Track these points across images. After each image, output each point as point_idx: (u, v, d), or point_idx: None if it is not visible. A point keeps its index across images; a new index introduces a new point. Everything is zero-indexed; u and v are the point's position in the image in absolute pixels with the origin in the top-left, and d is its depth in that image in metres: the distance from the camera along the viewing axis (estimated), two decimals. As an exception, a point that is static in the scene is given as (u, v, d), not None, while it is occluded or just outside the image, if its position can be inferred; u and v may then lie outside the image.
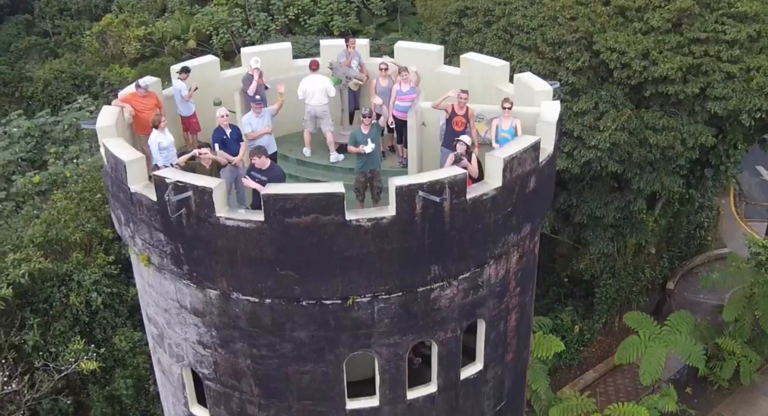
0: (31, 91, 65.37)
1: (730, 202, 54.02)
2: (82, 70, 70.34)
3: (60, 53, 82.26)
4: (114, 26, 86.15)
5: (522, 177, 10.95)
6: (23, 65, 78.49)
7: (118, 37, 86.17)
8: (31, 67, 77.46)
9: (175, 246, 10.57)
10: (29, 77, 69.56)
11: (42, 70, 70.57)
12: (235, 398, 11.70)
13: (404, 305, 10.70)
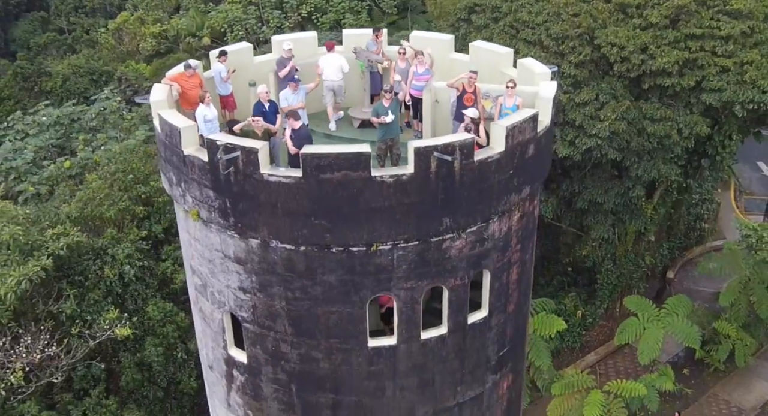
0: (50, 86, 67.02)
1: (731, 196, 55.52)
2: (99, 65, 71.90)
3: (78, 49, 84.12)
4: (130, 23, 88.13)
5: (522, 144, 12.63)
6: (42, 60, 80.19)
7: (133, 34, 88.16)
8: (49, 63, 79.09)
9: (222, 201, 12.29)
10: (48, 72, 71.18)
11: (61, 66, 72.27)
12: (270, 338, 13.40)
13: (420, 253, 12.40)
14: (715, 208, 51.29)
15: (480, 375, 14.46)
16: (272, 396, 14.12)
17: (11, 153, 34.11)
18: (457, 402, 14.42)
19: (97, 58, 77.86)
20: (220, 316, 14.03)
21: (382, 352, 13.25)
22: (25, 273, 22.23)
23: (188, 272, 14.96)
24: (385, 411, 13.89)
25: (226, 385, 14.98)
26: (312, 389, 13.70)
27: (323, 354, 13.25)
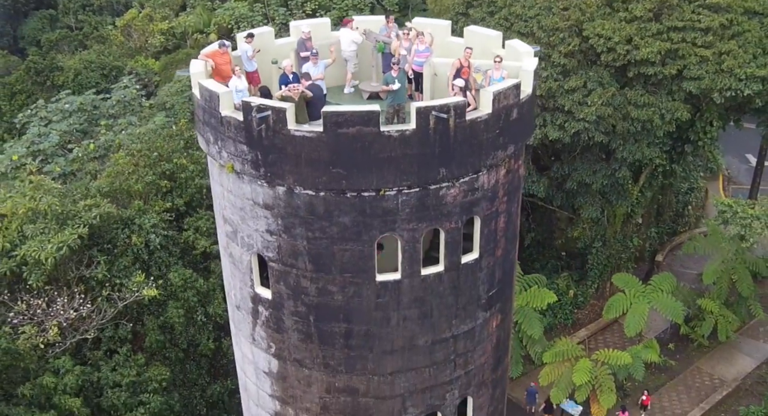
0: (62, 80, 69.25)
1: (719, 185, 57.88)
2: (110, 60, 73.98)
3: (88, 45, 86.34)
4: (138, 20, 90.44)
5: (507, 108, 14.95)
6: (54, 56, 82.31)
7: (142, 30, 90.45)
8: (61, 58, 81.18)
9: (254, 154, 14.61)
10: (60, 67, 73.32)
11: (72, 61, 74.50)
12: (293, 274, 15.72)
13: (420, 199, 14.72)
14: (703, 196, 53.63)
15: (472, 311, 16.77)
16: (293, 327, 16.44)
17: (37, 137, 36.42)
18: (452, 334, 16.74)
19: (107, 53, 79.94)
20: (249, 258, 16.35)
21: (388, 286, 15.56)
22: (64, 239, 24.56)
23: (219, 222, 17.27)
24: (390, 340, 16.21)
25: (251, 321, 17.30)
26: (327, 319, 16.02)
27: (338, 287, 15.57)
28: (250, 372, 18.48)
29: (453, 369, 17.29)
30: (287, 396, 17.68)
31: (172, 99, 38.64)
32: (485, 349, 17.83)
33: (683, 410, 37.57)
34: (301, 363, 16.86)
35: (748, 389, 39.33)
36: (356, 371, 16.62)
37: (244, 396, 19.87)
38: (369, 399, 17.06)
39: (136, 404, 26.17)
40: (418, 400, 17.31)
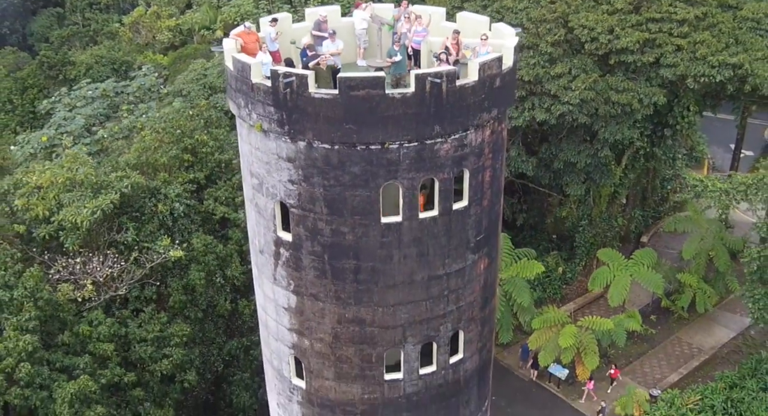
0: (74, 74, 71.89)
1: (703, 174, 60.80)
2: (120, 55, 76.65)
3: (99, 41, 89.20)
4: (146, 18, 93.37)
5: (491, 76, 17.85)
6: (66, 51, 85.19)
7: (150, 27, 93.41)
8: (72, 53, 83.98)
9: (280, 114, 17.49)
10: (72, 62, 75.91)
11: (84, 55, 77.21)
12: (310, 218, 18.60)
13: (418, 151, 17.61)
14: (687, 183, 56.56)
15: (462, 252, 19.67)
16: (310, 265, 19.33)
17: (64, 120, 39.31)
18: (445, 272, 19.64)
19: (117, 49, 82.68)
20: (272, 206, 19.24)
21: (391, 227, 18.46)
22: (98, 204, 27.45)
23: (246, 177, 20.15)
24: (392, 275, 19.10)
25: (273, 263, 20.18)
26: (339, 257, 18.91)
27: (348, 228, 18.46)
28: (270, 310, 21.37)
29: (446, 303, 20.19)
30: (303, 329, 20.58)
31: (188, 86, 41.54)
32: (474, 289, 20.73)
33: (663, 375, 40.49)
34: (316, 297, 19.76)
35: (724, 357, 42.26)
36: (363, 303, 19.53)
37: (263, 334, 22.77)
38: (374, 328, 19.95)
39: (160, 357, 29.04)
40: (416, 331, 20.22)
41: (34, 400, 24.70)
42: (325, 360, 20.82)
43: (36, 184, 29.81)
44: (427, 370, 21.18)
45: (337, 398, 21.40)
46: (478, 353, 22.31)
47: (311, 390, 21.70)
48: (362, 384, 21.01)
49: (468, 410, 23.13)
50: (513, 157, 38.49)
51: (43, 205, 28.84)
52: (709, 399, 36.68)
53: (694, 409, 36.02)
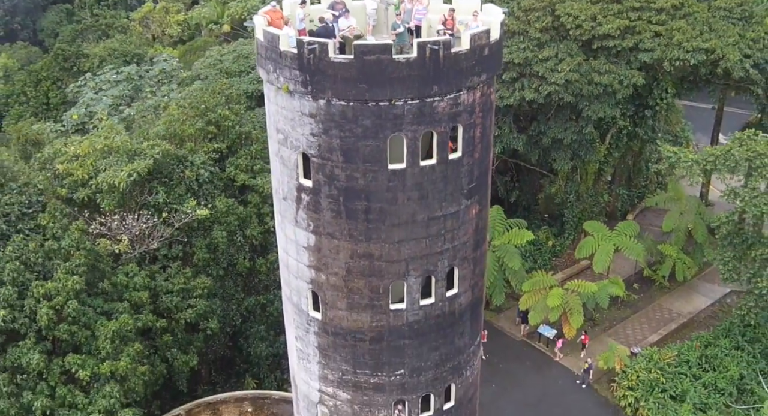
0: (88, 66, 75.15)
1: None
2: (131, 48, 79.90)
3: (111, 34, 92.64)
4: (155, 13, 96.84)
5: (480, 46, 21.27)
6: (80, 44, 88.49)
7: (159, 22, 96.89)
8: (86, 46, 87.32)
9: (304, 77, 20.91)
10: (86, 54, 79.18)
11: (97, 48, 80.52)
12: (328, 165, 22.02)
13: (419, 108, 21.03)
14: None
15: (457, 197, 23.10)
16: (327, 207, 22.74)
17: (92, 101, 42.74)
18: (442, 213, 23.05)
19: (128, 42, 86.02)
20: (296, 157, 22.66)
21: (397, 173, 21.88)
22: (134, 168, 30.90)
23: (272, 134, 23.55)
24: (397, 215, 22.51)
25: (295, 207, 23.59)
26: (353, 199, 22.31)
27: (360, 174, 21.87)
28: (292, 251, 24.78)
29: (443, 242, 23.61)
30: (321, 264, 23.99)
31: (205, 71, 44.99)
32: (467, 230, 24.16)
33: (644, 336, 44.00)
34: (332, 235, 23.18)
35: (701, 321, 45.80)
36: (373, 240, 22.94)
37: (284, 274, 26.17)
38: (382, 262, 23.37)
39: (185, 306, 32.46)
40: (417, 265, 23.63)
41: (79, 337, 28.09)
42: (338, 292, 24.23)
43: (74, 153, 33.24)
44: (427, 302, 24.59)
45: (349, 326, 24.81)
46: (471, 290, 25.72)
47: (326, 321, 25.12)
48: (371, 313, 24.42)
49: (462, 341, 26.54)
50: (505, 134, 41.98)
51: (83, 170, 32.25)
52: (685, 355, 40.34)
53: (671, 364, 39.64)
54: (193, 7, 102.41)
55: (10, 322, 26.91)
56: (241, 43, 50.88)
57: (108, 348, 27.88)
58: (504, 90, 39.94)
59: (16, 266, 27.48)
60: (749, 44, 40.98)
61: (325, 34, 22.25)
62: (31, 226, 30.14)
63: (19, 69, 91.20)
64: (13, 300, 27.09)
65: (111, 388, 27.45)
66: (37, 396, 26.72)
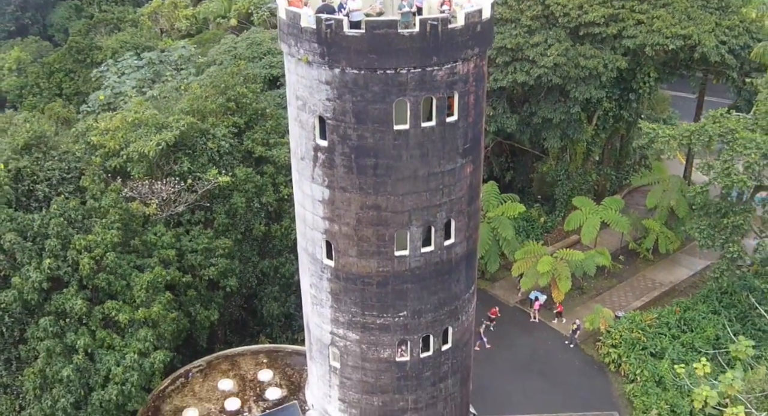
0: (101, 58, 78.38)
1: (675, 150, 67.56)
2: (142, 41, 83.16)
3: (122, 28, 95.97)
4: (164, 7, 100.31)
5: (474, 23, 24.67)
6: (93, 36, 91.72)
7: (168, 16, 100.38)
8: (98, 39, 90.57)
9: (322, 49, 24.28)
10: (99, 46, 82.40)
11: (110, 41, 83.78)
12: (342, 126, 25.41)
13: (421, 76, 24.42)
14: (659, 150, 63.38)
15: (453, 156, 26.49)
16: (340, 164, 26.13)
17: (116, 83, 46.11)
18: (440, 170, 26.45)
19: (139, 35, 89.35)
20: (313, 120, 26.05)
21: (401, 132, 25.26)
22: (162, 138, 34.29)
23: (292, 101, 26.92)
24: (401, 170, 25.90)
25: (312, 165, 26.98)
26: (363, 156, 25.70)
27: (370, 133, 25.26)
28: (308, 205, 28.19)
29: (441, 196, 27.02)
30: (334, 216, 27.40)
31: (221, 57, 48.36)
32: (462, 187, 27.57)
33: (628, 302, 47.43)
34: (344, 189, 26.58)
35: (682, 290, 49.21)
36: (380, 193, 26.34)
37: (300, 227, 29.57)
38: (388, 213, 26.77)
39: (208, 265, 35.82)
40: (419, 216, 27.04)
41: (116, 286, 31.47)
42: (349, 240, 27.64)
43: (105, 127, 36.61)
44: (427, 249, 28.01)
45: (358, 271, 28.22)
46: (466, 241, 29.14)
47: (338, 267, 28.53)
48: (377, 259, 27.83)
49: (458, 288, 29.97)
50: (499, 114, 45.39)
51: (114, 142, 35.62)
52: (665, 318, 43.77)
53: (652, 325, 43.08)
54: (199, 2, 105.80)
55: (55, 270, 30.25)
56: (253, 32, 54.23)
57: (142, 297, 31.25)
58: (497, 73, 43.34)
59: (60, 222, 30.83)
60: (725, 32, 44.38)
61: (327, 12, 25.66)
62: (71, 190, 33.46)
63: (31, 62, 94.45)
64: (58, 251, 30.43)
65: (145, 332, 30.83)
66: (78, 336, 30.06)
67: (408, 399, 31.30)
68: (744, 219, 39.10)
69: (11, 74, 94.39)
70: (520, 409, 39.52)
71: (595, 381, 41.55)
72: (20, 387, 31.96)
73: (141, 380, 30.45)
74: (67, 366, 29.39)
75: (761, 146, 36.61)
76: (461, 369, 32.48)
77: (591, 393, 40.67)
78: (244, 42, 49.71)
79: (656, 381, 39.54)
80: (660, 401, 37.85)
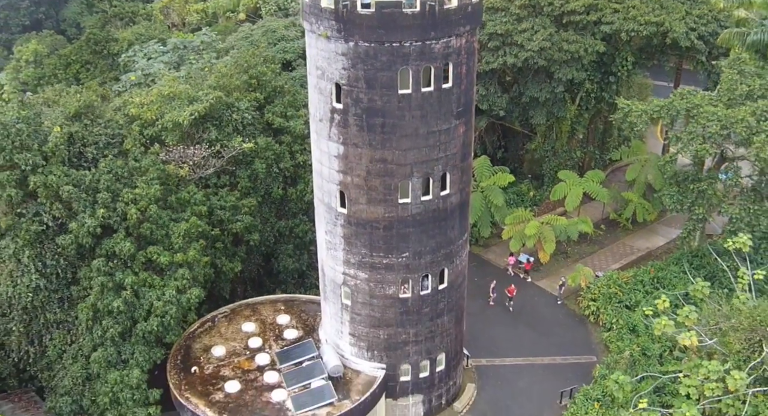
0: (117, 49, 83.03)
1: (657, 129, 72.50)
2: (156, 33, 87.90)
3: (137, 21, 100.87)
4: (176, 2, 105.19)
5: (466, 4, 29.63)
6: (109, 29, 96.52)
7: (179, 11, 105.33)
8: (114, 31, 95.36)
9: (339, 25, 29.22)
10: (115, 39, 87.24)
11: (125, 33, 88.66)
12: (355, 91, 30.35)
13: (421, 48, 29.38)
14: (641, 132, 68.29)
15: (449, 117, 31.46)
16: (353, 123, 31.09)
17: (146, 65, 51.01)
18: (438, 129, 31.43)
19: (153, 28, 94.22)
20: (330, 86, 30.99)
21: (405, 96, 30.22)
22: (195, 109, 39.20)
23: (312, 71, 31.85)
24: (404, 128, 30.85)
25: (329, 125, 31.92)
26: (373, 116, 30.65)
27: (378, 97, 30.22)
28: (325, 160, 33.13)
29: (438, 151, 31.99)
30: (347, 169, 32.36)
31: (238, 43, 53.29)
32: (456, 145, 32.55)
33: (607, 265, 52.34)
34: (357, 145, 31.53)
35: (657, 255, 54.09)
36: (386, 148, 31.30)
37: (317, 181, 34.52)
38: (393, 165, 31.74)
39: (234, 220, 40.68)
40: (419, 168, 32.00)
41: (157, 234, 36.35)
42: (360, 190, 32.61)
43: (140, 102, 41.50)
44: (426, 198, 32.99)
45: (367, 217, 33.20)
46: (459, 193, 34.13)
47: (350, 214, 33.50)
48: (384, 206, 32.80)
49: (453, 234, 34.95)
50: (491, 94, 50.34)
51: (151, 113, 40.50)
52: (640, 276, 48.64)
53: (628, 283, 47.96)
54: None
55: (107, 219, 35.15)
56: (267, 20, 59.08)
57: (180, 243, 36.15)
58: (489, 56, 48.27)
59: (109, 177, 35.73)
60: (695, 20, 49.29)
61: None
62: (115, 153, 38.30)
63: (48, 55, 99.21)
64: (108, 202, 35.32)
65: (182, 272, 35.72)
66: (126, 275, 34.98)
67: (409, 332, 36.34)
68: (708, 184, 44.00)
69: (29, 65, 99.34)
70: (508, 354, 44.45)
71: (576, 331, 46.44)
72: (72, 322, 36.85)
73: (178, 313, 35.34)
74: (117, 299, 34.29)
75: (721, 118, 41.48)
76: (455, 308, 37.51)
77: (573, 341, 45.56)
78: (259, 29, 54.62)
79: (630, 329, 44.37)
80: (632, 345, 42.69)
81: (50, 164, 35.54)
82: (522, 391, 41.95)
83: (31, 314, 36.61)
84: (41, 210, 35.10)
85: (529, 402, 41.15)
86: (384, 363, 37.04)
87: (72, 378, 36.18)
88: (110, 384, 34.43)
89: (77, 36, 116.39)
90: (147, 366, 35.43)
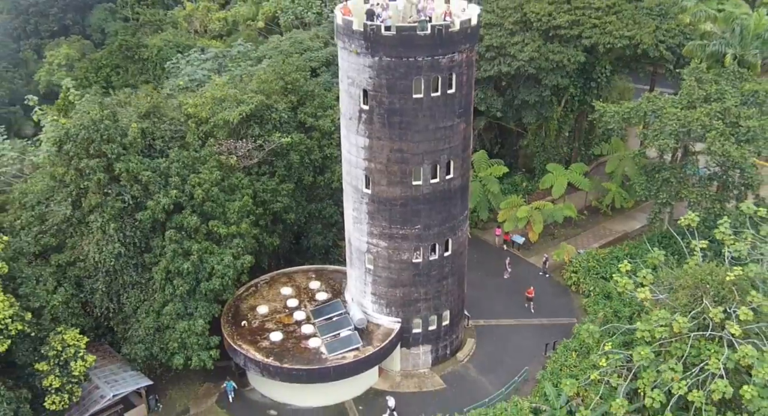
0: (147, 55, 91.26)
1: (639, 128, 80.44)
2: (182, 40, 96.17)
3: (164, 29, 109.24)
4: (199, 11, 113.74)
5: (466, 27, 37.96)
6: (140, 36, 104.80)
7: (201, 19, 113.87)
8: (143, 38, 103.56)
9: (367, 44, 37.54)
10: (145, 45, 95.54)
11: (155, 40, 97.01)
12: (378, 95, 38.69)
13: (431, 62, 37.71)
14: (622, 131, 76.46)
15: (452, 116, 39.81)
16: (377, 121, 39.42)
17: (191, 71, 59.34)
18: (444, 125, 39.77)
19: (179, 35, 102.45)
20: (359, 92, 39.32)
21: (417, 100, 38.54)
22: (242, 109, 47.58)
23: (344, 79, 40.15)
24: (417, 125, 39.18)
25: (357, 123, 40.25)
26: (392, 115, 38.99)
27: (397, 100, 38.57)
28: (353, 151, 41.46)
29: (444, 143, 40.31)
30: (371, 157, 40.69)
31: (269, 52, 61.66)
32: (458, 138, 40.88)
33: (589, 244, 60.55)
34: (380, 138, 39.88)
35: (632, 237, 62.34)
36: (403, 140, 39.65)
37: (346, 167, 42.83)
38: (407, 154, 40.08)
39: (275, 201, 48.94)
40: (428, 157, 40.34)
41: (216, 212, 44.66)
42: (382, 174, 40.92)
43: (194, 103, 49.84)
44: (434, 181, 41.31)
45: (387, 196, 41.51)
46: (461, 177, 42.45)
47: (374, 194, 41.81)
48: (401, 187, 41.12)
49: (456, 211, 43.27)
50: (488, 97, 58.64)
51: (204, 112, 48.85)
52: (616, 253, 56.94)
53: (605, 258, 56.20)
54: (226, 5, 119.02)
55: (178, 198, 43.46)
56: (295, 33, 67.43)
57: (234, 218, 44.49)
58: (486, 65, 56.60)
59: (178, 165, 44.07)
60: (663, 33, 57.54)
61: (370, 15, 38.89)
62: (178, 145, 46.59)
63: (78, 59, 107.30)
64: (179, 184, 43.63)
65: (237, 241, 44.06)
66: (192, 243, 43.30)
67: (420, 291, 44.69)
68: (671, 173, 52.24)
69: (61, 69, 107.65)
70: (502, 316, 52.73)
71: (560, 298, 54.70)
72: (145, 283, 45.13)
73: (234, 275, 43.65)
74: (186, 262, 42.63)
75: (680, 118, 49.73)
76: (458, 272, 45.86)
77: (557, 306, 53.82)
78: (287, 41, 62.98)
79: (605, 296, 52.59)
80: (606, 308, 50.94)
81: (129, 153, 43.83)
82: (514, 346, 50.26)
83: (112, 276, 44.84)
84: (123, 191, 43.37)
85: (519, 353, 49.46)
86: (400, 317, 45.36)
87: (145, 329, 44.42)
88: (179, 332, 42.74)
89: (102, 41, 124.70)
90: (208, 319, 43.74)
